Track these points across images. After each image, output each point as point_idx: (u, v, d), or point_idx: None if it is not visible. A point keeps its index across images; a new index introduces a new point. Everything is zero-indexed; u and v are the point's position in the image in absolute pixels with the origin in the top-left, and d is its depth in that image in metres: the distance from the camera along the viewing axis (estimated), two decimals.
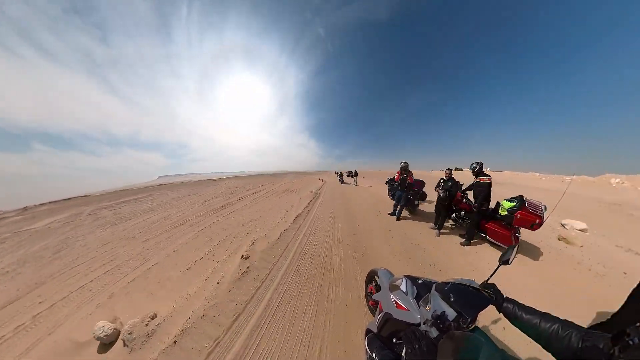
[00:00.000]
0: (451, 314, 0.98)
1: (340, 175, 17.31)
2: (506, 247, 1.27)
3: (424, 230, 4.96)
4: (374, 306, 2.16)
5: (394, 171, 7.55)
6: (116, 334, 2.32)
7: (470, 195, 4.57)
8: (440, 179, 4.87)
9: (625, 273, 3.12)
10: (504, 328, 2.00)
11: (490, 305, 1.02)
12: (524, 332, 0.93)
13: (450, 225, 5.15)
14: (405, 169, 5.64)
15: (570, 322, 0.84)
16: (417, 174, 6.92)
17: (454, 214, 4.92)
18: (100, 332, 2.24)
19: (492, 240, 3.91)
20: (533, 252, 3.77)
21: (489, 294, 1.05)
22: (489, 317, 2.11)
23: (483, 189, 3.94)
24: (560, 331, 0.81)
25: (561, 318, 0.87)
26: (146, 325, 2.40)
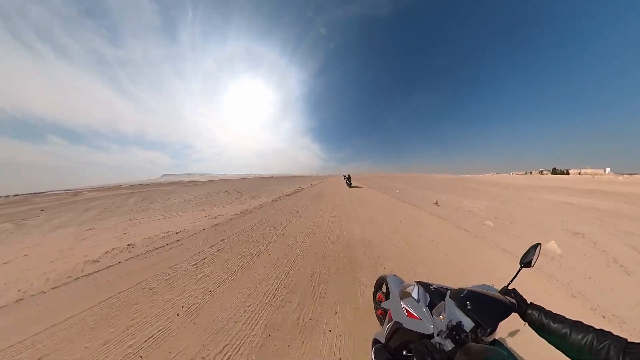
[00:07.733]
0: (468, 324, 0.87)
1: (348, 178, 23.99)
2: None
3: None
4: (382, 315, 2.01)
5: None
6: None
7: None
8: None
9: None
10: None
11: (513, 314, 0.91)
12: (551, 344, 0.81)
13: None
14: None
15: (608, 332, 0.71)
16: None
17: None
18: None
19: None
20: None
21: (510, 301, 0.94)
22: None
23: None
24: (595, 343, 0.69)
25: (596, 327, 0.74)
26: None
